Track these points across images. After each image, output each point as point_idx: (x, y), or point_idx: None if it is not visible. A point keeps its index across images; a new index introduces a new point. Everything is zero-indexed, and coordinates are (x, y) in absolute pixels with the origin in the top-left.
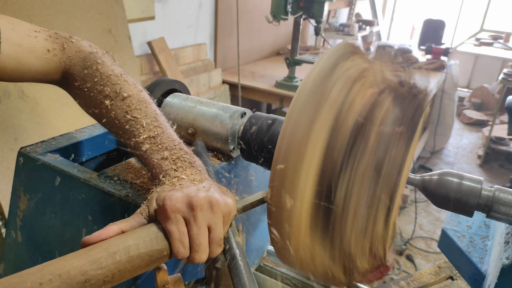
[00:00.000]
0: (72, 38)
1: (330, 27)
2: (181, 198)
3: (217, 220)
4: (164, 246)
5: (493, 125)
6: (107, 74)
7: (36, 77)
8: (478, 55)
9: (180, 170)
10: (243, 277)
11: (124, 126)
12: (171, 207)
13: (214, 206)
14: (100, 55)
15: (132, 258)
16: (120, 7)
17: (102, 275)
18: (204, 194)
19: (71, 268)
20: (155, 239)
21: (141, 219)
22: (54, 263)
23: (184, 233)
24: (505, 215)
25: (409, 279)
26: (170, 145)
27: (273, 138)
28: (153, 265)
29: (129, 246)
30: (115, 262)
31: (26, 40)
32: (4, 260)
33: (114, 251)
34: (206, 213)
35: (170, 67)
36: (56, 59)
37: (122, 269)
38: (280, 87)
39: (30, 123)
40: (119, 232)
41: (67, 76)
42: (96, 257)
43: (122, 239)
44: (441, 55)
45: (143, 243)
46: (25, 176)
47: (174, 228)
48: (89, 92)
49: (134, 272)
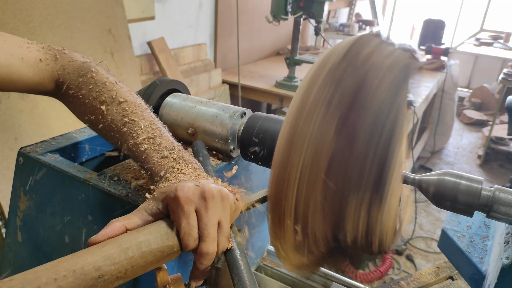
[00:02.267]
0: (65, 50)
1: (330, 27)
2: (193, 188)
3: (227, 214)
4: (175, 242)
5: (493, 125)
6: (102, 81)
7: (29, 86)
8: (478, 55)
9: (184, 167)
10: (243, 277)
11: (122, 129)
12: (184, 197)
13: (225, 200)
14: (94, 64)
15: (144, 254)
16: (120, 7)
17: (115, 271)
18: (215, 186)
19: (85, 264)
20: (166, 235)
21: (144, 216)
22: (68, 259)
23: (194, 226)
24: (505, 215)
25: (409, 279)
26: (169, 146)
27: (273, 138)
28: (165, 261)
29: (141, 242)
30: (128, 258)
31: (18, 50)
32: (4, 260)
33: (126, 247)
34: (218, 205)
35: (170, 67)
36: (48, 69)
37: (135, 264)
38: (280, 87)
39: (30, 123)
40: (123, 229)
41: (61, 86)
42: (109, 253)
43: (133, 235)
44: (441, 55)
45: (154, 239)
46: (25, 176)
47: (184, 222)
48: (84, 99)
49: (146, 267)
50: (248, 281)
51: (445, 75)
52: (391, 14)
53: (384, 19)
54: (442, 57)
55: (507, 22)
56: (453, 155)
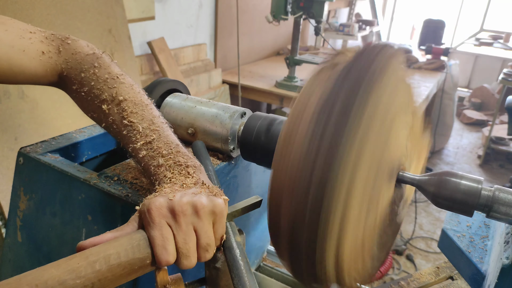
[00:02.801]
0: (69, 39)
1: (330, 27)
2: (164, 203)
3: (203, 225)
4: (146, 255)
5: (493, 125)
6: (104, 78)
7: (31, 79)
8: (478, 55)
9: (175, 175)
10: (243, 277)
11: (122, 131)
12: (154, 213)
13: (199, 211)
14: (98, 56)
15: (112, 267)
16: (120, 7)
17: (81, 285)
18: (187, 199)
19: (49, 278)
20: (137, 247)
21: (134, 227)
22: (33, 273)
23: (168, 239)
24: (505, 215)
25: (409, 279)
26: (166, 150)
27: (273, 138)
28: (136, 274)
29: (110, 254)
30: (95, 271)
31: (19, 42)
32: (4, 260)
33: (94, 260)
34: (191, 218)
35: (170, 67)
36: (51, 61)
37: (102, 278)
38: (280, 87)
39: (30, 123)
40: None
41: (65, 79)
42: (75, 266)
43: (103, 247)
44: (441, 55)
45: (124, 251)
46: (25, 176)
47: (157, 234)
48: (86, 96)
49: (115, 281)
50: (248, 281)
51: (445, 75)
52: (391, 14)
53: (384, 19)
54: (442, 57)
55: (507, 22)
56: (453, 155)
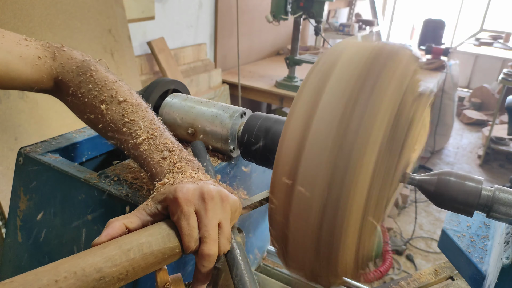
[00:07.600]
0: (64, 47)
1: (330, 27)
2: (193, 189)
3: (227, 215)
4: (176, 244)
5: (493, 125)
6: (102, 80)
7: (27, 84)
8: (478, 55)
9: (183, 167)
10: (243, 277)
11: (121, 128)
12: (183, 198)
13: (224, 201)
14: (93, 63)
15: (145, 255)
16: (120, 7)
17: (116, 272)
18: (214, 187)
19: (86, 265)
20: (167, 236)
21: (143, 216)
22: (69, 260)
23: (194, 227)
24: (505, 215)
25: (409, 279)
26: (169, 146)
27: (273, 138)
28: (166, 262)
29: (142, 243)
30: (129, 259)
31: (16, 48)
32: (4, 260)
33: (128, 248)
34: (217, 206)
35: (170, 67)
36: (47, 66)
37: (136, 266)
38: (280, 87)
39: (30, 123)
40: (123, 228)
41: (60, 84)
42: (111, 254)
43: (134, 236)
44: (441, 55)
45: (155, 240)
46: (25, 176)
47: (184, 224)
48: (83, 97)
49: (148, 269)
50: (248, 281)
51: (445, 75)
52: (391, 14)
53: (384, 19)
54: (442, 57)
55: (507, 22)
56: (453, 155)
